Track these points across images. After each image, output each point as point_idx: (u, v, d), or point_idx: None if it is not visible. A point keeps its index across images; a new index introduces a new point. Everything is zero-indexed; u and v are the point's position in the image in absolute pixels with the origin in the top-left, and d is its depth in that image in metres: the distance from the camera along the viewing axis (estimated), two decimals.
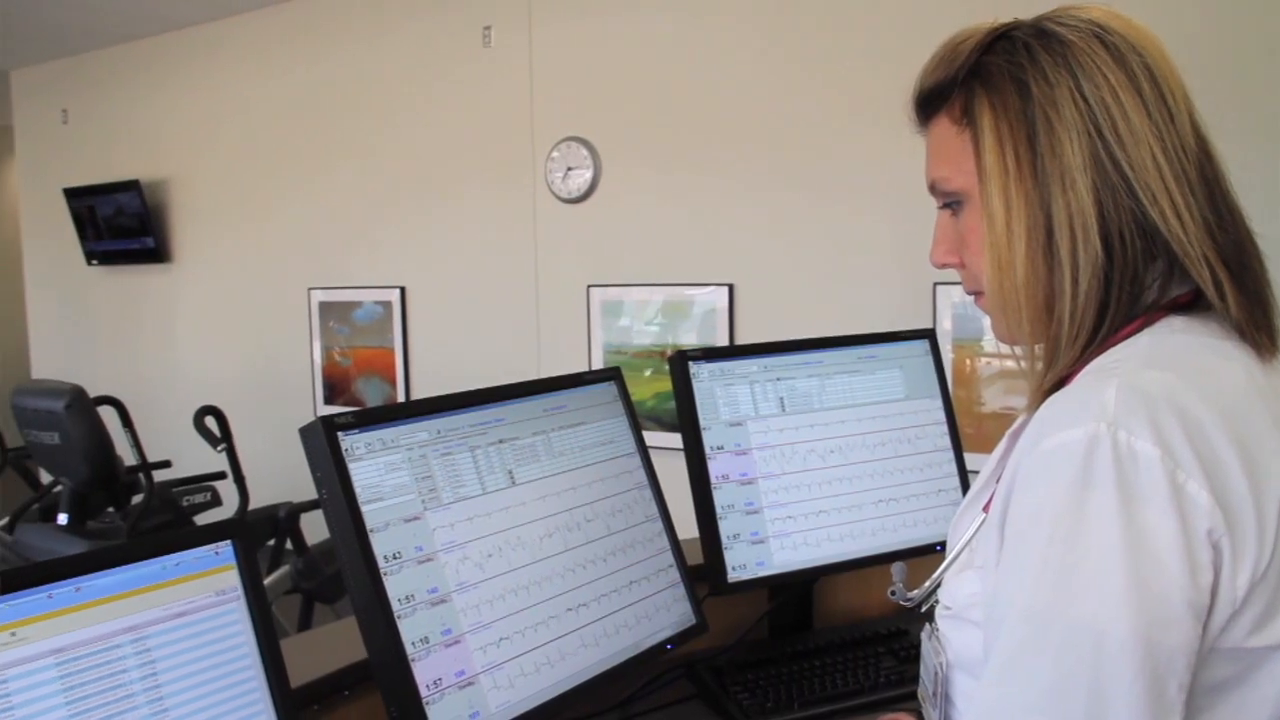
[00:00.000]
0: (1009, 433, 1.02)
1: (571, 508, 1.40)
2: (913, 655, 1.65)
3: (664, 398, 4.52)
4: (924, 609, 1.11)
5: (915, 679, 1.55)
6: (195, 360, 6.74)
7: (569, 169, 4.85)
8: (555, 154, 4.89)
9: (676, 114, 4.57)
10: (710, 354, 1.71)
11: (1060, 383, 0.92)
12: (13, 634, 0.88)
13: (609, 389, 1.55)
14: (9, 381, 6.16)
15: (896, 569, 1.18)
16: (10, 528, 5.27)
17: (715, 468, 1.66)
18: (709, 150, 4.49)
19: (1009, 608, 0.83)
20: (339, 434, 1.17)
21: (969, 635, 0.96)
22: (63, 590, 0.92)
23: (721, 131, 4.45)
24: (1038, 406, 0.89)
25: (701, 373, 1.68)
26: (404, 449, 1.23)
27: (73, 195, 7.11)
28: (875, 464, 1.76)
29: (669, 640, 1.49)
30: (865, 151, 4.09)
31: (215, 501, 4.90)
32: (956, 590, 1.00)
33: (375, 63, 5.60)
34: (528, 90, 5.00)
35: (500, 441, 1.34)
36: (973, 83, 0.95)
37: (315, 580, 4.24)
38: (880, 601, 1.86)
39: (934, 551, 1.76)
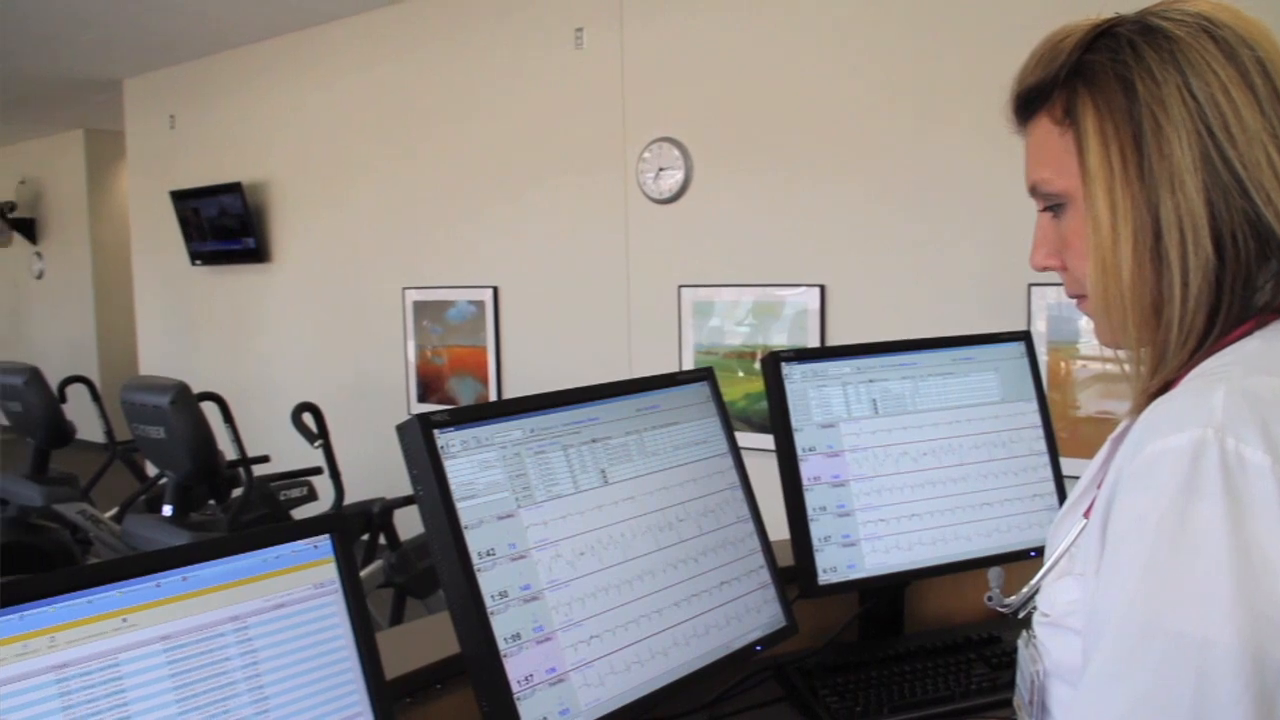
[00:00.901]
0: (1111, 437, 1.00)
1: (663, 507, 1.40)
2: (1006, 662, 1.62)
3: (755, 398, 4.51)
4: (1021, 616, 1.09)
5: (1008, 686, 1.52)
6: (293, 358, 6.89)
7: (660, 169, 4.86)
8: (647, 154, 4.90)
9: (767, 114, 4.55)
10: (803, 355, 1.70)
11: (1165, 387, 0.90)
12: (124, 620, 0.91)
13: (702, 389, 1.55)
14: (119, 377, 6.37)
15: (993, 574, 1.16)
16: (119, 518, 5.45)
17: (807, 469, 1.65)
18: (800, 150, 4.46)
19: (1109, 616, 0.81)
20: (435, 431, 1.18)
21: (1068, 643, 0.94)
22: (170, 579, 0.94)
23: (813, 132, 4.42)
24: (1141, 411, 0.87)
25: (794, 374, 1.67)
26: (498, 447, 1.24)
27: (178, 198, 7.33)
28: (969, 468, 1.74)
29: (759, 642, 1.48)
30: (959, 152, 4.03)
31: (311, 496, 5.00)
32: (1055, 597, 0.98)
33: (468, 65, 5.67)
34: (619, 91, 5.02)
35: (593, 440, 1.35)
36: (1075, 82, 0.93)
37: (407, 575, 4.30)
38: (972, 607, 1.83)
39: (1028, 557, 1.73)
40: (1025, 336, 1.85)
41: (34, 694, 0.85)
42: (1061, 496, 1.77)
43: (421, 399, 6.02)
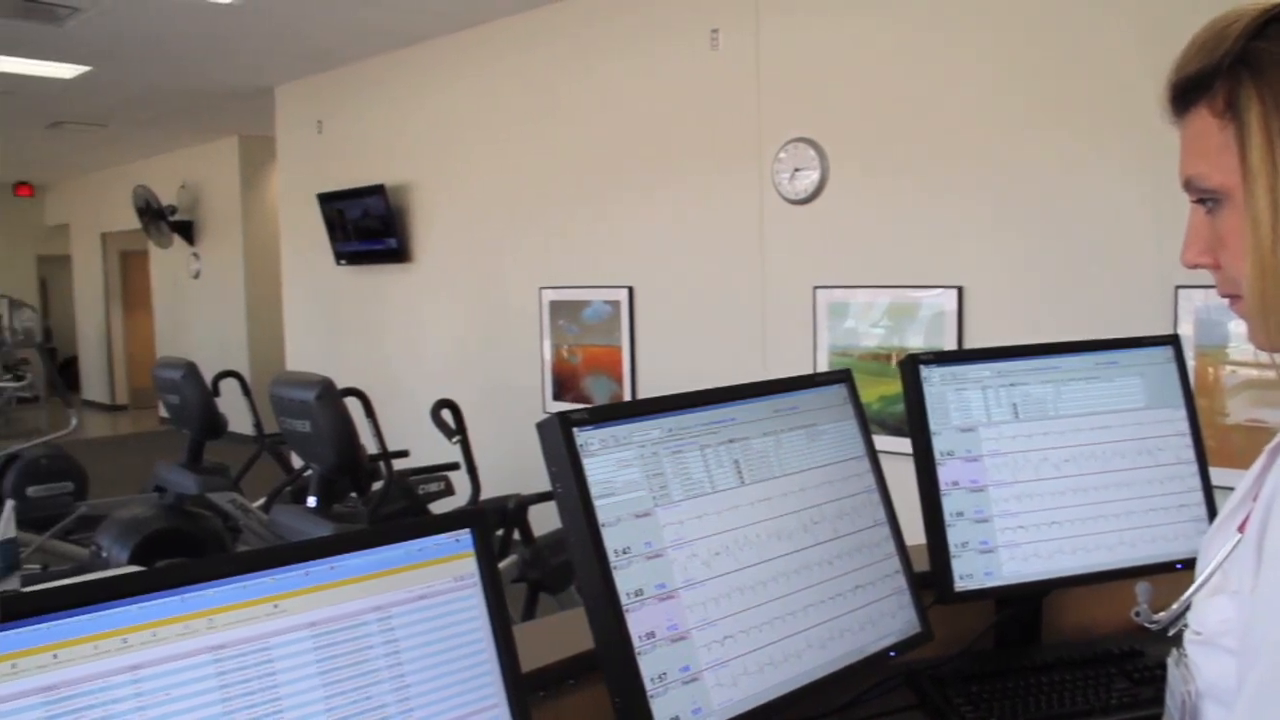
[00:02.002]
0: (1269, 448, 0.95)
1: (799, 509, 1.39)
2: (1148, 678, 1.56)
3: (890, 401, 4.44)
4: (1170, 633, 1.05)
5: (1150, 703, 1.47)
6: (433, 355, 7.05)
7: (796, 170, 4.83)
8: (783, 155, 4.87)
9: (904, 113, 4.48)
10: (941, 358, 1.67)
11: None
12: (275, 605, 0.94)
13: (840, 391, 1.53)
14: (268, 372, 6.61)
15: (1142, 590, 1.12)
16: (266, 507, 5.66)
17: (945, 474, 1.62)
18: (937, 150, 4.38)
19: (1266, 636, 0.78)
20: (574, 429, 1.20)
21: (1221, 663, 0.90)
22: (319, 568, 0.97)
23: (950, 131, 4.34)
24: None
25: (932, 377, 1.64)
26: (636, 446, 1.25)
27: (325, 200, 7.57)
28: (1112, 475, 1.68)
29: (893, 647, 1.46)
30: (1102, 151, 3.91)
31: (448, 491, 5.11)
32: (1208, 615, 0.94)
33: (605, 67, 5.72)
34: (755, 92, 5.00)
35: (730, 441, 1.35)
36: (1239, 71, 0.87)
37: (541, 570, 4.36)
38: (1114, 619, 1.77)
39: (1174, 570, 1.66)
40: (1173, 340, 1.78)
41: (194, 672, 0.89)
42: (1210, 507, 1.70)
43: (557, 397, 6.10)
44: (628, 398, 5.63)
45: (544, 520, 4.52)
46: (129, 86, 8.26)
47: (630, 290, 5.64)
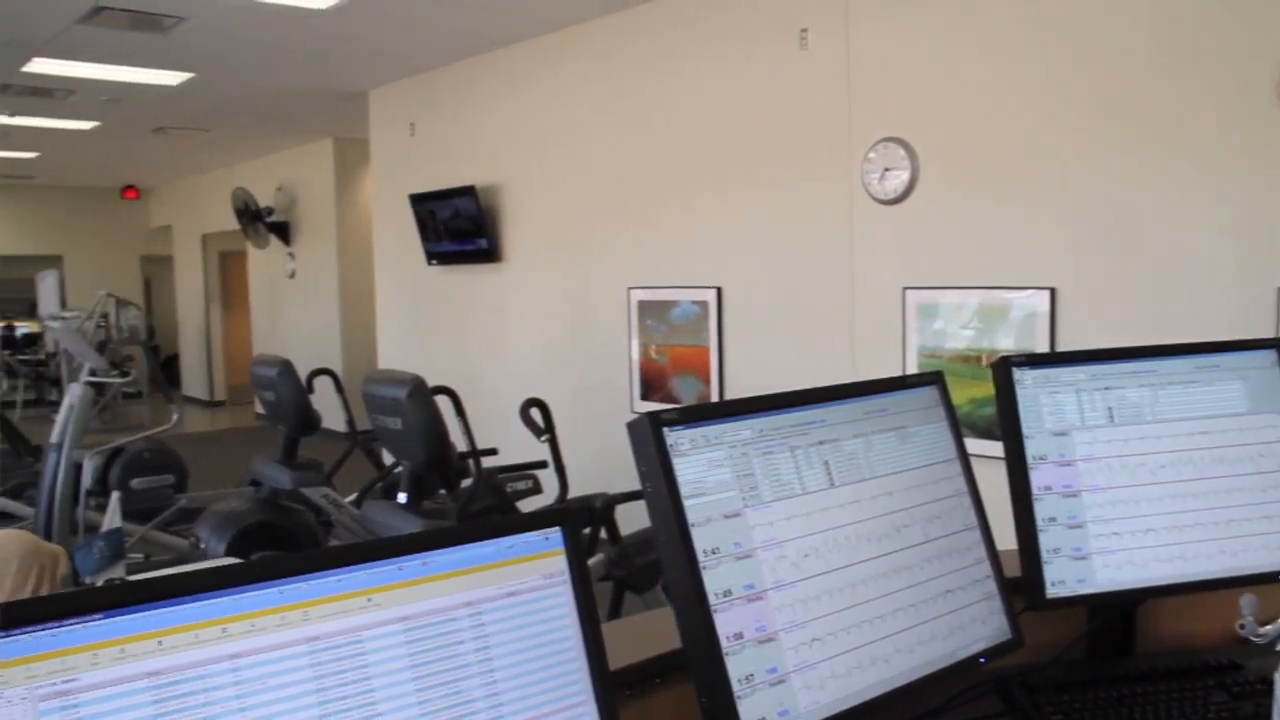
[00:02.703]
0: None
1: (889, 512, 1.38)
2: (1249, 692, 1.51)
3: (979, 403, 4.37)
4: (1278, 647, 1.01)
5: (1249, 719, 1.43)
6: (522, 354, 7.11)
7: (886, 170, 4.78)
8: (872, 155, 4.82)
9: (995, 112, 4.40)
10: (1035, 360, 1.64)
11: None
12: (369, 599, 0.96)
13: (931, 393, 1.51)
14: (360, 370, 6.73)
15: (1247, 602, 1.09)
16: (358, 502, 5.76)
17: (1037, 478, 1.59)
18: (1029, 148, 4.30)
19: None
20: (664, 429, 1.20)
21: None
22: (411, 563, 0.99)
23: (1041, 130, 4.26)
24: None
25: (1025, 379, 1.61)
26: (726, 446, 1.24)
27: (417, 200, 7.68)
28: (1212, 482, 1.63)
29: (983, 653, 1.44)
30: (1198, 147, 3.80)
31: (536, 489, 5.14)
32: None
33: (693, 67, 5.72)
34: (844, 91, 4.96)
35: (820, 442, 1.34)
36: None
37: (627, 569, 4.37)
38: (1211, 630, 1.73)
39: (1276, 581, 1.61)
40: (1277, 344, 1.73)
41: (290, 662, 0.91)
42: None
43: (644, 397, 6.11)
44: (715, 398, 5.62)
45: (630, 519, 4.53)
46: (230, 92, 8.48)
47: (718, 290, 5.63)
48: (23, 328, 16.62)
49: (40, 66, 7.32)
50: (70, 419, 5.99)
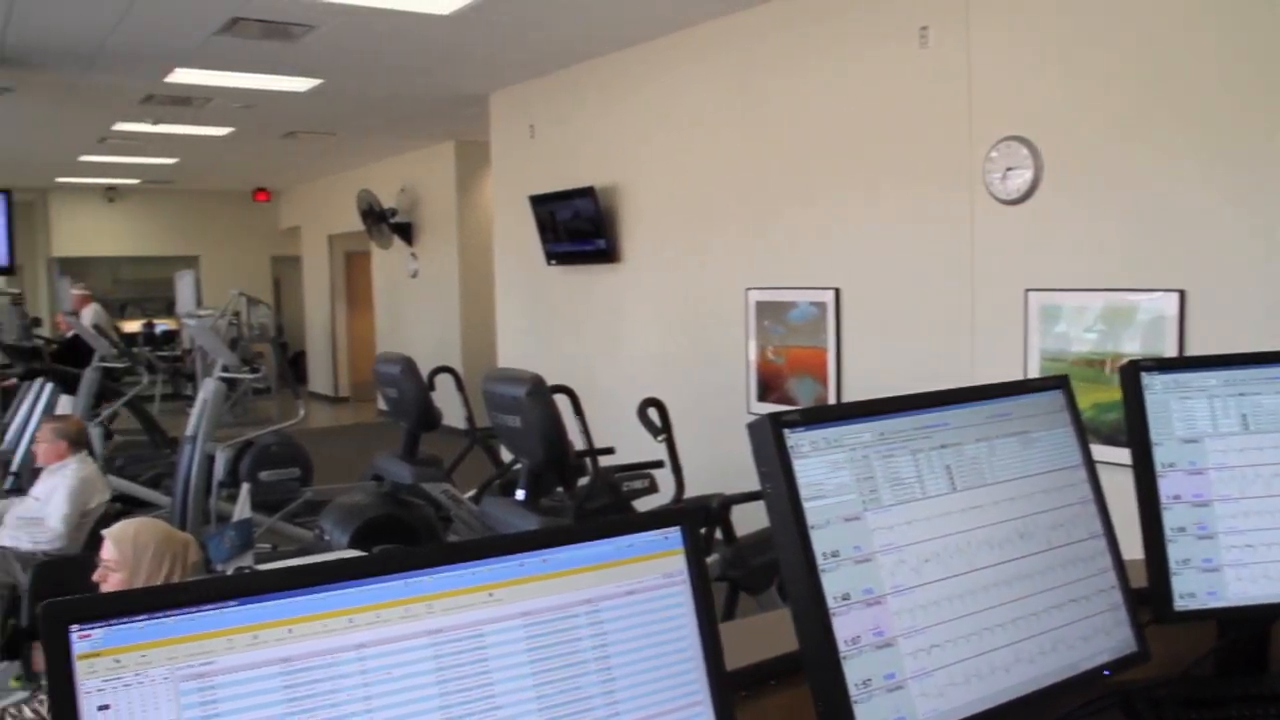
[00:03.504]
0: None
1: (1012, 518, 1.35)
2: None
3: (1104, 408, 4.24)
4: None
5: None
6: (639, 354, 7.15)
7: (1008, 169, 4.67)
8: (994, 154, 4.73)
9: (1122, 109, 4.27)
10: (1164, 364, 1.58)
11: None
12: (490, 594, 0.97)
13: (1056, 397, 1.47)
14: (480, 368, 6.84)
15: None
16: (476, 498, 5.86)
17: (1166, 487, 1.54)
18: (1157, 146, 4.16)
19: None
20: (785, 431, 1.19)
21: None
22: (532, 560, 1.00)
23: (1171, 122, 4.11)
24: None
25: (1154, 384, 1.56)
26: (847, 448, 1.23)
27: (536, 201, 7.77)
28: None
29: (1107, 665, 1.39)
30: None
31: (652, 488, 5.16)
32: None
33: (811, 66, 5.68)
34: (965, 89, 4.87)
35: (942, 446, 1.31)
36: None
37: (742, 570, 4.36)
38: None
39: None
40: None
41: (413, 654, 0.93)
42: None
43: (761, 398, 6.09)
44: (832, 400, 5.57)
45: (746, 520, 4.51)
46: (356, 97, 8.71)
47: (837, 292, 5.58)
48: (161, 325, 17.34)
49: (180, 77, 7.64)
50: (204, 413, 6.22)
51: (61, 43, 6.68)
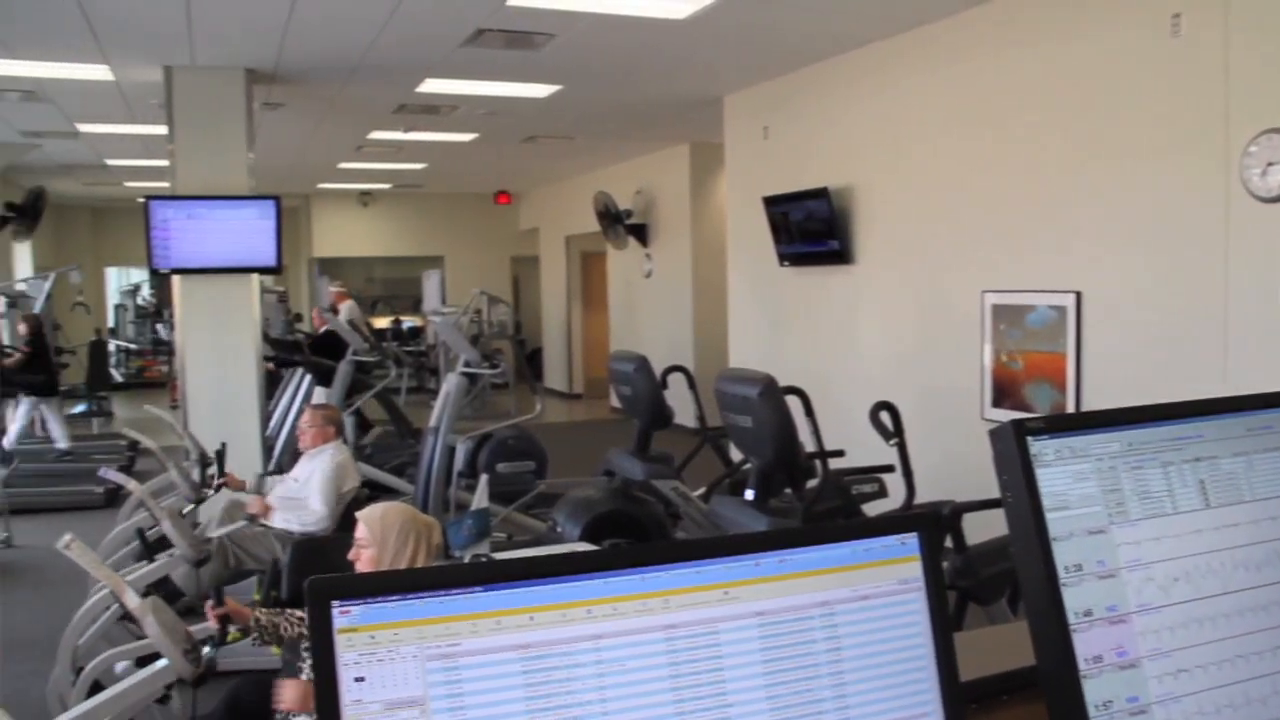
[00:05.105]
0: None
1: (1272, 539, 1.26)
2: None
3: None
4: None
5: None
6: (871, 356, 7.05)
7: (1269, 164, 4.37)
8: (1253, 148, 4.42)
9: None
10: None
11: None
12: (725, 592, 0.99)
13: None
14: (711, 368, 6.90)
15: None
16: (705, 497, 5.91)
17: None
18: None
19: None
20: (1029, 438, 1.16)
21: None
22: (768, 560, 1.01)
23: None
24: None
25: None
26: (1093, 459, 1.19)
27: (770, 203, 7.78)
28: None
29: None
30: None
31: (882, 493, 5.08)
32: None
33: (1053, 61, 5.46)
34: (1221, 80, 4.57)
35: (1196, 459, 1.25)
36: None
37: (972, 580, 4.24)
38: None
39: None
40: None
41: (648, 647, 0.95)
42: None
43: (995, 404, 5.90)
44: (1070, 408, 5.34)
45: (977, 529, 4.38)
46: (593, 102, 8.93)
47: (1078, 295, 5.34)
48: (408, 321, 18.29)
49: (430, 86, 8.05)
50: (446, 406, 6.51)
51: (325, 60, 7.16)
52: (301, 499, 5.21)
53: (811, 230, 7.41)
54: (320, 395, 8.86)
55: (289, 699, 2.91)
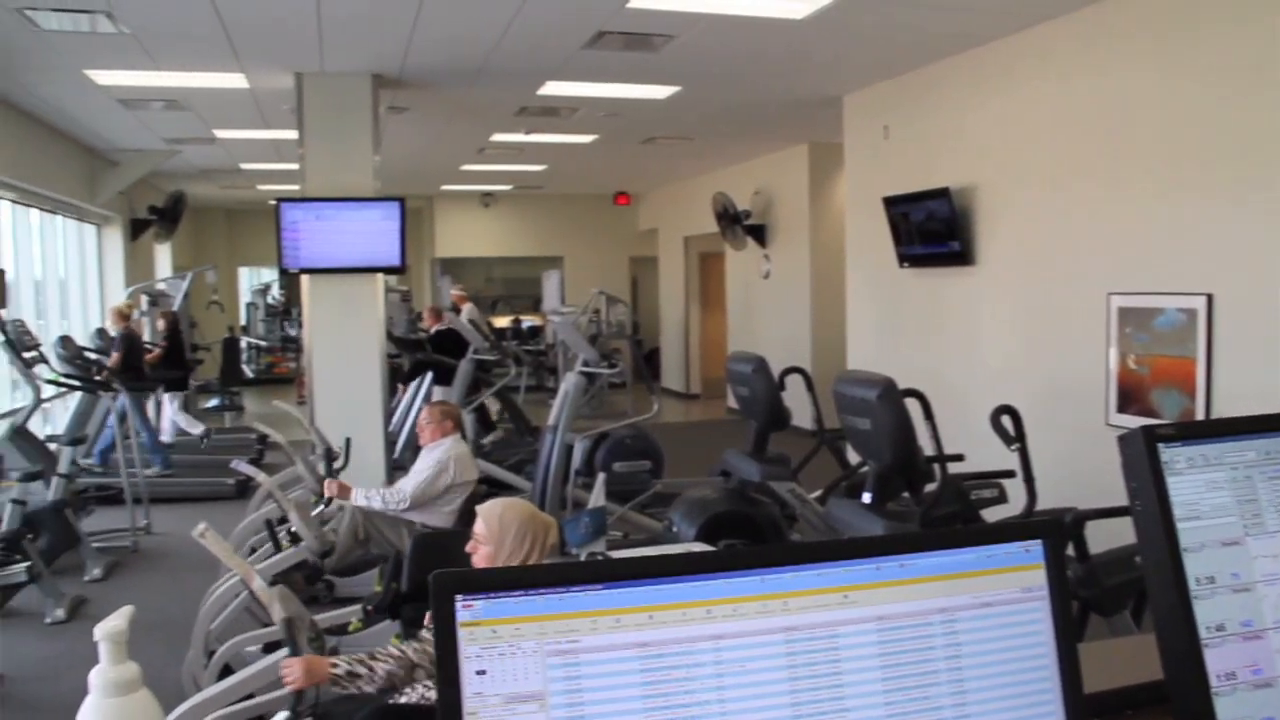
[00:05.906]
0: None
1: None
2: None
3: None
4: None
5: None
6: (992, 359, 6.91)
7: None
8: None
9: None
10: None
11: None
12: (845, 596, 0.99)
13: None
14: (829, 370, 6.84)
15: None
16: (822, 499, 5.87)
17: None
18: None
19: None
20: (1159, 445, 1.14)
21: None
22: (889, 564, 1.01)
23: None
24: None
25: None
26: (1228, 468, 1.16)
27: (890, 203, 7.68)
28: None
29: None
30: None
31: (1001, 499, 4.97)
32: None
33: (1178, 55, 5.27)
34: None
35: None
36: None
37: (1093, 590, 4.13)
38: None
39: None
40: None
41: (767, 649, 0.96)
42: None
43: (1120, 409, 5.72)
44: (1200, 414, 5.15)
45: (1100, 537, 4.26)
46: (712, 103, 8.93)
47: (1209, 298, 5.14)
48: (528, 321, 18.54)
49: (551, 89, 8.15)
50: (564, 404, 6.58)
51: (449, 65, 7.31)
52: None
53: (932, 231, 7.30)
54: (438, 394, 9.05)
55: (296, 675, 2.76)
